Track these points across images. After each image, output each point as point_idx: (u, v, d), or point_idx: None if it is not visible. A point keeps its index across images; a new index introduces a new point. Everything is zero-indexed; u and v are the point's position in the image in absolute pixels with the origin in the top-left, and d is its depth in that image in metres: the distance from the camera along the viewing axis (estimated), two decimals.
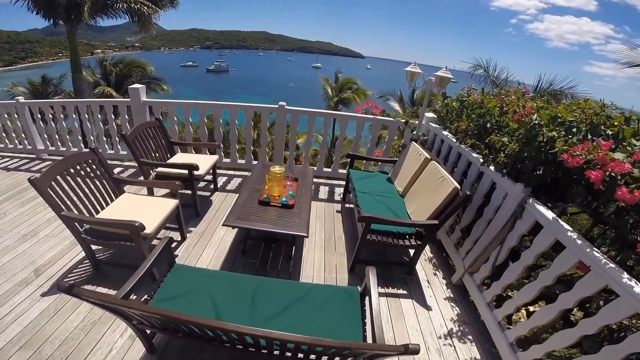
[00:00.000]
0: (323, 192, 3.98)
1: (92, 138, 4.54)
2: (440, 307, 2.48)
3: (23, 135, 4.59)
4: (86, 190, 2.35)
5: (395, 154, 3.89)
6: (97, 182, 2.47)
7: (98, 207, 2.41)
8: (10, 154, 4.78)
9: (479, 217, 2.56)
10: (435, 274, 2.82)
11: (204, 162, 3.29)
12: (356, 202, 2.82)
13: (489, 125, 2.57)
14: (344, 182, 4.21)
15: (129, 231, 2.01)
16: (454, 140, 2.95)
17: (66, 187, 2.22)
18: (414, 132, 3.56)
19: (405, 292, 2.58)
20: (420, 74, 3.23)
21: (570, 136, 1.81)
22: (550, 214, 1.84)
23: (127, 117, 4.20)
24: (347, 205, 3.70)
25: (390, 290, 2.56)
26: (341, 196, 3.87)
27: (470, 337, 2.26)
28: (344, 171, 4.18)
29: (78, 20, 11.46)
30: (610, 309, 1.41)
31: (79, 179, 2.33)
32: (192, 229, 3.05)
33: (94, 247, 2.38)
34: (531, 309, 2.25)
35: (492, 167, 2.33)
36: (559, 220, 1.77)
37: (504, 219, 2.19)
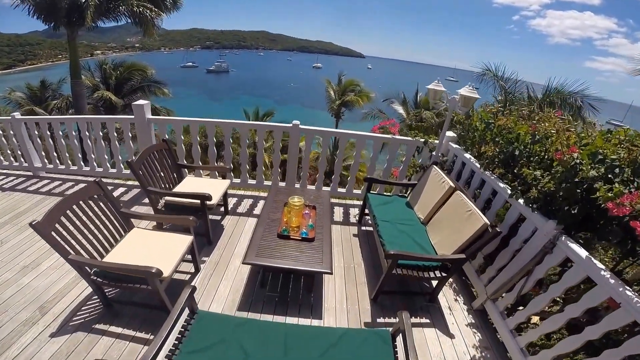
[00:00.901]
0: (338, 213, 3.94)
1: (92, 156, 4.41)
2: (462, 334, 2.49)
3: (19, 152, 4.46)
4: (93, 229, 2.24)
5: (412, 172, 3.84)
6: (105, 219, 2.35)
7: (107, 245, 2.31)
8: (4, 171, 4.63)
9: (503, 246, 2.55)
10: (456, 300, 2.81)
11: (216, 188, 3.22)
12: (378, 232, 2.78)
13: (517, 152, 2.52)
14: (358, 202, 4.21)
15: (145, 276, 1.96)
16: (478, 165, 2.90)
17: (71, 228, 2.09)
18: (433, 153, 3.51)
19: (428, 320, 2.58)
20: (443, 91, 3.18)
21: (610, 176, 1.78)
22: (583, 253, 1.85)
23: (130, 134, 4.13)
24: (363, 228, 3.66)
25: (413, 320, 2.55)
26: (357, 218, 3.84)
27: None
28: (359, 191, 4.14)
29: (80, 24, 11.36)
30: (636, 342, 1.50)
31: (84, 217, 2.21)
32: (206, 258, 3.00)
33: None
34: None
35: (521, 200, 2.30)
36: (592, 258, 1.79)
37: (533, 252, 2.19)
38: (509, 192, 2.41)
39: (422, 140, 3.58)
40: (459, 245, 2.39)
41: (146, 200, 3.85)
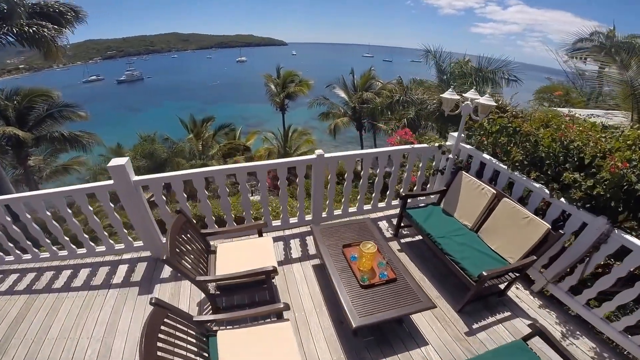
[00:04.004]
0: None
1: (66, 239, 3.60)
2: (540, 315, 2.88)
3: None
4: (184, 353, 1.93)
5: (428, 174, 4.04)
6: (187, 337, 2.03)
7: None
8: None
9: None
10: (517, 288, 3.16)
11: (265, 253, 2.91)
12: (443, 250, 2.95)
13: (543, 155, 2.82)
14: (382, 214, 4.29)
15: None
16: (504, 166, 3.17)
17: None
18: (450, 156, 3.71)
19: (509, 313, 2.90)
20: (457, 99, 3.33)
21: None
22: (638, 241, 2.26)
23: (112, 205, 3.37)
24: (402, 241, 3.80)
25: (499, 316, 2.88)
26: (390, 231, 3.95)
27: (578, 332, 2.71)
28: (383, 204, 4.25)
29: None
30: None
31: (174, 349, 1.88)
32: None
33: None
34: None
35: (562, 199, 2.65)
36: None
37: (586, 243, 2.57)
38: (547, 191, 2.74)
39: (437, 145, 3.75)
40: (527, 249, 2.68)
41: (166, 275, 3.44)
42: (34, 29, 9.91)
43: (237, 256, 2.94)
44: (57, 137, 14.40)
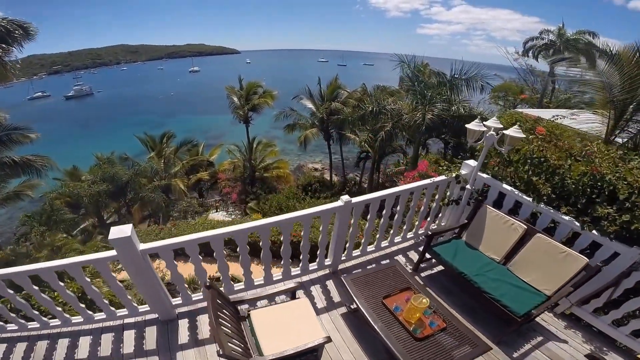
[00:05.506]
0: None
1: (59, 309, 3.09)
2: (568, 336, 2.97)
3: None
4: None
5: (443, 204, 3.99)
6: None
7: None
8: None
9: None
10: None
11: (306, 317, 2.67)
12: (482, 289, 2.89)
13: (572, 188, 2.86)
14: (396, 248, 4.11)
15: None
16: (528, 198, 3.16)
17: None
18: (467, 187, 3.61)
19: (541, 337, 2.96)
20: (483, 131, 3.19)
21: None
22: None
23: (114, 275, 2.90)
24: (422, 274, 3.70)
25: (533, 342, 2.92)
26: (408, 266, 3.82)
27: (604, 348, 2.83)
28: (399, 238, 4.12)
29: None
30: None
31: None
32: None
33: None
34: None
35: (594, 231, 2.72)
36: None
37: (617, 270, 2.67)
38: (577, 224, 2.81)
39: (454, 175, 3.69)
40: (565, 281, 2.71)
41: (184, 340, 3.03)
42: None
43: (276, 324, 2.65)
44: (8, 162, 12.70)
